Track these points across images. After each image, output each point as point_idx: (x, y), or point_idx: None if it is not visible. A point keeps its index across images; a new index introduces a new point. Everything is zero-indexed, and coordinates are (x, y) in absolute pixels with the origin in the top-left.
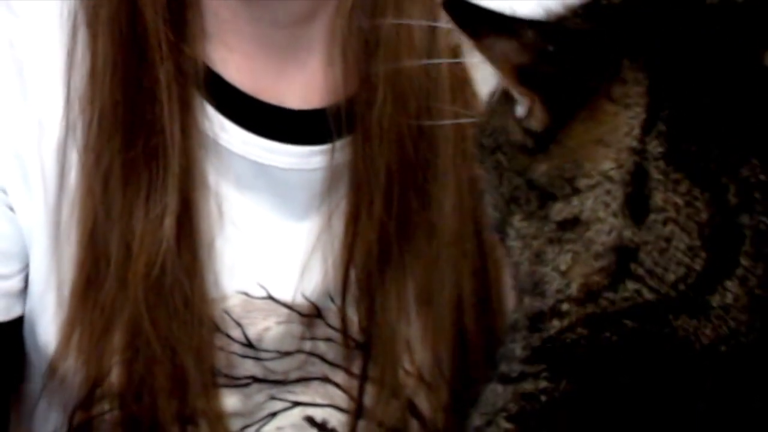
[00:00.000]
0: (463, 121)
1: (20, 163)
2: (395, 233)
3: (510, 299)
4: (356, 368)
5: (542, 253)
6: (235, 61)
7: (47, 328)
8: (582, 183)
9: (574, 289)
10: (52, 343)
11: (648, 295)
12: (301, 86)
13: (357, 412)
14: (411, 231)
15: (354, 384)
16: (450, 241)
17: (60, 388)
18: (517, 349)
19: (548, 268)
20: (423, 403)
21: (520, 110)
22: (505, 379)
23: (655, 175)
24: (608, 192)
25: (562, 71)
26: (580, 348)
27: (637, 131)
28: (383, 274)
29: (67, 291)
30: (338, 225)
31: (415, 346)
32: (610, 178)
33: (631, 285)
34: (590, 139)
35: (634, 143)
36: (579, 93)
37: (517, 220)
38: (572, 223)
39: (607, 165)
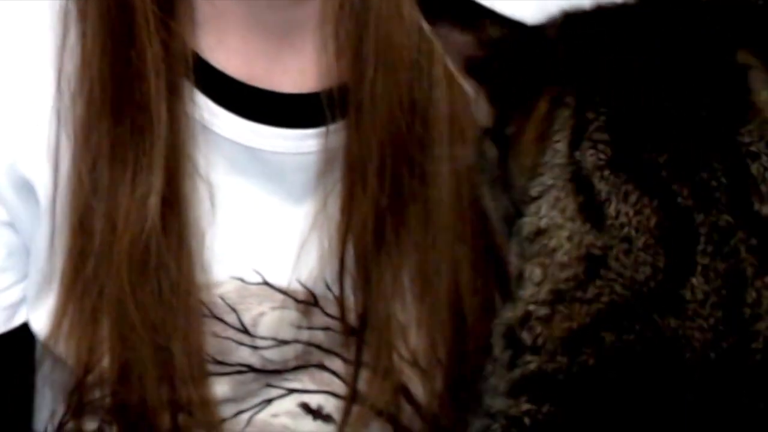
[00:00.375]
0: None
1: (13, 172)
2: (391, 215)
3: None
4: (353, 354)
5: (522, 271)
6: (228, 46)
7: (41, 314)
8: (534, 190)
9: (543, 293)
10: (45, 329)
11: (622, 291)
12: (294, 70)
13: (352, 397)
14: (406, 212)
15: (350, 370)
16: (447, 224)
17: (53, 374)
18: (501, 385)
19: (526, 281)
20: (417, 389)
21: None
22: (491, 414)
23: (603, 186)
24: (558, 199)
25: (509, 69)
26: (560, 375)
27: (563, 146)
28: (379, 257)
29: (59, 277)
30: (333, 208)
31: (411, 332)
32: (554, 186)
33: (600, 283)
34: (530, 141)
35: (562, 160)
36: (520, 91)
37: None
38: (536, 234)
39: (547, 175)
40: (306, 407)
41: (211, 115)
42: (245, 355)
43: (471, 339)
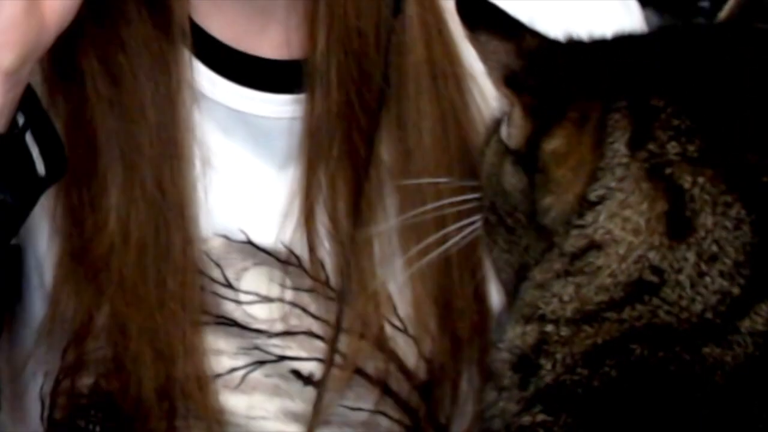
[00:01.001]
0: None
1: None
2: (372, 179)
3: None
4: (343, 320)
5: (547, 285)
6: (218, 15)
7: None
8: (593, 194)
9: (569, 311)
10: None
11: (666, 317)
12: (279, 39)
13: (330, 360)
14: (387, 172)
15: (341, 337)
16: (432, 170)
17: (51, 333)
18: (511, 406)
19: (548, 295)
20: (406, 355)
21: (503, 129)
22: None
23: (699, 193)
24: (624, 205)
25: (550, 81)
26: (579, 387)
27: (621, 146)
28: (361, 221)
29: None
30: (313, 173)
31: (399, 298)
32: (620, 190)
33: (641, 308)
34: (586, 148)
35: (625, 159)
36: (564, 100)
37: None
38: (586, 249)
39: (608, 177)
40: (297, 374)
41: (202, 78)
42: (229, 310)
43: (459, 302)
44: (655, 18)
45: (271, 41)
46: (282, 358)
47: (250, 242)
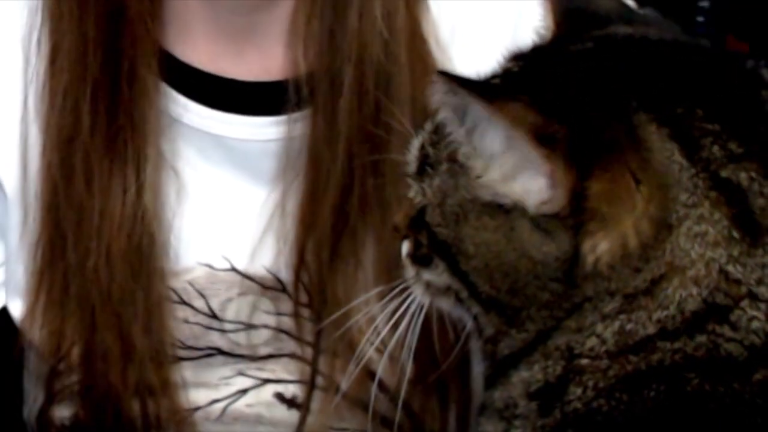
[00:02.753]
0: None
1: None
2: (352, 206)
3: None
4: (322, 344)
5: (586, 329)
6: (194, 43)
7: (18, 301)
8: (673, 217)
9: (609, 345)
10: (20, 315)
11: (729, 348)
12: (257, 66)
13: (311, 384)
14: (369, 204)
15: (323, 359)
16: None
17: (31, 361)
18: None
19: (586, 335)
20: (387, 377)
21: (537, 188)
22: None
23: (758, 188)
24: (701, 218)
25: (577, 124)
26: (616, 412)
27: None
28: (339, 247)
29: (29, 267)
30: (295, 197)
31: (380, 321)
32: (696, 205)
33: (701, 339)
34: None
35: (689, 171)
36: (594, 138)
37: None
38: (656, 281)
39: (682, 195)
40: (281, 397)
41: (178, 106)
42: (214, 339)
43: (439, 322)
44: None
45: (248, 64)
46: (266, 381)
47: (234, 269)
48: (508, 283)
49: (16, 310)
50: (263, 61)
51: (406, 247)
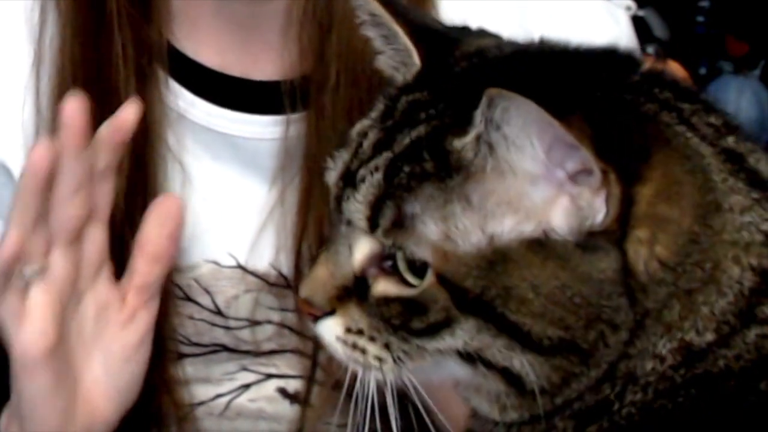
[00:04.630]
0: None
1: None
2: None
3: None
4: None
5: (646, 350)
6: (200, 38)
7: None
8: (724, 203)
9: (669, 361)
10: None
11: None
12: (264, 60)
13: (310, 378)
14: None
15: (323, 354)
16: None
17: None
18: None
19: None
20: None
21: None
22: None
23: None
24: (732, 190)
25: (618, 128)
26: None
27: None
28: None
29: None
30: (293, 196)
31: None
32: (732, 191)
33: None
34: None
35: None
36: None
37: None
38: (707, 282)
39: (716, 175)
40: (283, 392)
41: (185, 103)
42: (219, 335)
43: None
44: (656, 18)
45: (258, 63)
46: (269, 376)
47: (239, 266)
48: (583, 316)
49: None
50: (269, 53)
51: (334, 325)
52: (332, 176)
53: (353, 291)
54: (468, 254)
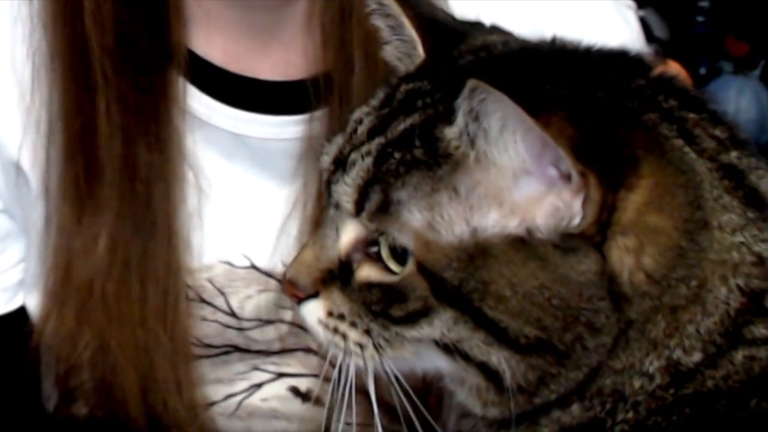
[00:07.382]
0: None
1: (3, 159)
2: None
3: None
4: None
5: (631, 368)
6: (216, 43)
7: (36, 298)
8: (713, 219)
9: (656, 382)
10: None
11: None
12: (281, 62)
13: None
14: None
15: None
16: None
17: (47, 359)
18: None
19: (631, 374)
20: None
21: (563, 207)
22: None
23: (747, 166)
24: (725, 208)
25: (597, 135)
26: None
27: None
28: None
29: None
30: (311, 193)
31: None
32: (718, 198)
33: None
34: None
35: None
36: (629, 148)
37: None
38: (697, 293)
39: (708, 190)
40: (295, 391)
41: (200, 104)
42: (231, 337)
43: None
44: (656, 18)
45: (272, 63)
46: (280, 375)
47: (253, 266)
48: (560, 317)
49: (32, 303)
50: (286, 55)
51: (316, 308)
52: (325, 160)
53: (337, 275)
54: (450, 245)
